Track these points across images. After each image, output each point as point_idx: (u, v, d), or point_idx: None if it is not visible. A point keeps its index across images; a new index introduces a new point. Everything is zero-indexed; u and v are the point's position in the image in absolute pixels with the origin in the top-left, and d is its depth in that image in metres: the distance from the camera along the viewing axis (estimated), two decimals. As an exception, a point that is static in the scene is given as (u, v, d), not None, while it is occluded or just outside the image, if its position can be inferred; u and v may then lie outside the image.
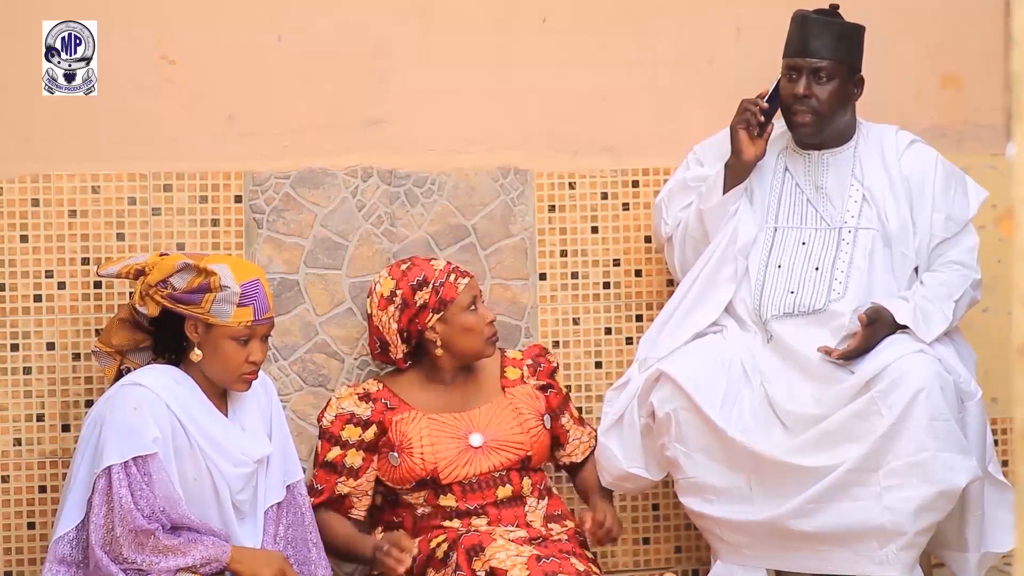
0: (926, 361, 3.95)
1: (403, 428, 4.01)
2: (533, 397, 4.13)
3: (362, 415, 4.02)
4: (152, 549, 3.59)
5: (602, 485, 4.19)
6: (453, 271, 4.04)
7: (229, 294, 3.71)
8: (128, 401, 3.66)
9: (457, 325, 4.01)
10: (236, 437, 3.77)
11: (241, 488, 3.76)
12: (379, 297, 4.05)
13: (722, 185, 4.16)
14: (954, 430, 3.92)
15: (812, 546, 3.97)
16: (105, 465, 3.59)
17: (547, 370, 4.18)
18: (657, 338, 4.17)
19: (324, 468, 4.04)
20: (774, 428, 4.03)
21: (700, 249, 4.21)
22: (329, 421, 4.04)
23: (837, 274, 4.12)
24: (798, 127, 4.16)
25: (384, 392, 4.06)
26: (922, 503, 3.88)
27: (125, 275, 3.82)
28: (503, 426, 4.05)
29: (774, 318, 4.12)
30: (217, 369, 3.75)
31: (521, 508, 4.04)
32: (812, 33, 4.12)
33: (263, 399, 3.89)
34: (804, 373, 4.07)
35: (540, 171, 4.47)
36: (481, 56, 4.43)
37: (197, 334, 3.73)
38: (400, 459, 3.98)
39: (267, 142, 4.30)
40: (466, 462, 4.00)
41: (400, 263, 4.09)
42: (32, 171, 4.16)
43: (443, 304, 4.00)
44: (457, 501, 4.00)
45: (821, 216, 4.18)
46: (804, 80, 4.12)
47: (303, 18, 4.32)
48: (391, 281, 4.04)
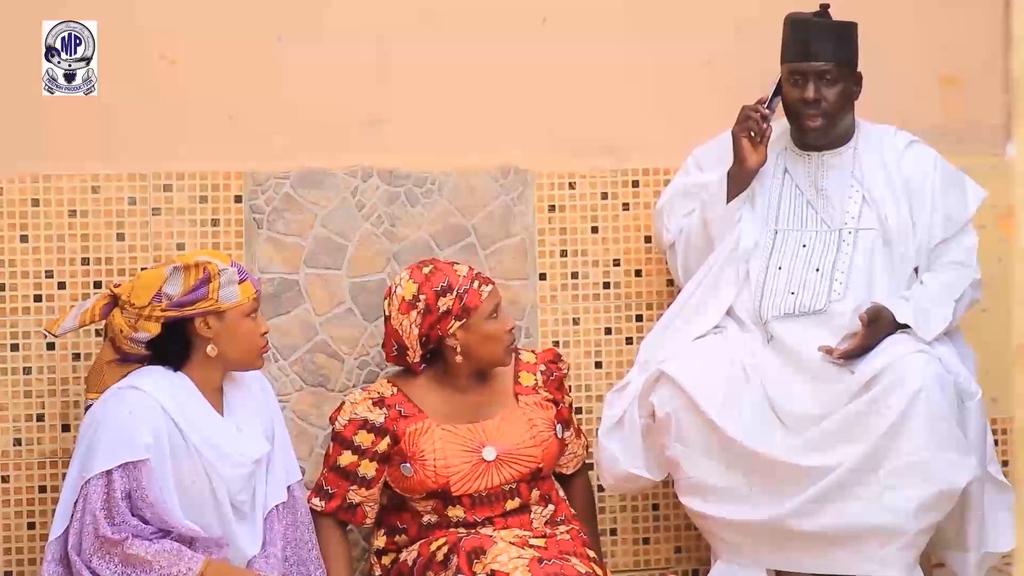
0: (926, 361, 3.95)
1: (416, 440, 3.96)
2: (544, 407, 4.09)
3: (375, 421, 3.97)
4: (120, 559, 3.58)
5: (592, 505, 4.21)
6: (476, 278, 3.99)
7: (230, 275, 3.71)
8: (124, 405, 3.65)
9: (479, 333, 3.97)
10: (233, 438, 3.76)
11: (240, 489, 3.76)
12: (400, 300, 3.97)
13: (725, 193, 4.15)
14: (954, 430, 3.92)
15: (812, 546, 3.97)
16: (93, 471, 3.60)
17: (558, 379, 4.13)
18: (660, 341, 4.17)
19: (336, 472, 3.99)
20: (774, 428, 4.03)
21: (704, 256, 4.21)
22: (342, 425, 3.98)
23: (838, 275, 4.12)
24: (809, 131, 4.15)
25: (398, 397, 4.01)
26: (922, 503, 3.88)
27: (89, 322, 3.77)
28: (516, 438, 4.01)
29: (774, 319, 4.11)
30: (239, 352, 3.74)
31: (527, 516, 4.03)
32: (812, 37, 4.11)
33: (260, 398, 3.88)
34: (804, 373, 4.07)
35: (540, 171, 4.47)
36: (481, 56, 4.43)
37: (209, 328, 3.71)
38: (413, 470, 3.96)
39: (267, 142, 4.30)
40: (479, 475, 3.97)
41: (421, 265, 4.03)
42: (32, 171, 4.16)
43: (466, 312, 3.95)
44: (466, 512, 3.98)
45: (821, 218, 4.18)
46: (812, 84, 4.11)
47: (303, 18, 4.32)
48: (413, 285, 3.97)
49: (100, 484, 3.60)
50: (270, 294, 4.27)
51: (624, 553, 4.53)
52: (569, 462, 4.19)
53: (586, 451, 4.21)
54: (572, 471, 4.20)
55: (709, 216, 4.17)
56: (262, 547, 3.81)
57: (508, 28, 4.45)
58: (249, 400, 3.85)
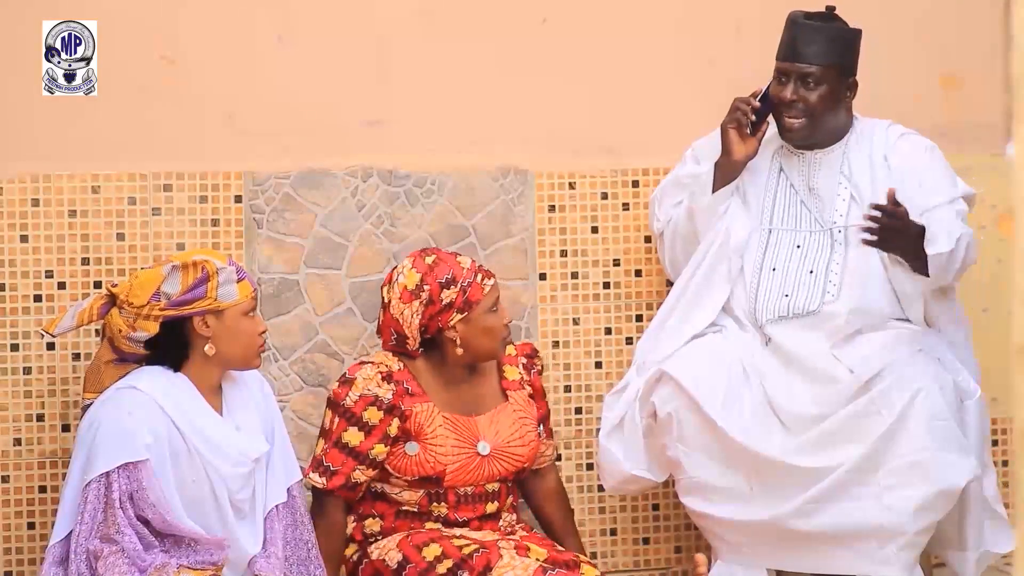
0: (926, 361, 3.96)
1: (420, 420, 3.95)
2: (529, 404, 4.11)
3: (384, 397, 3.93)
4: (103, 568, 3.58)
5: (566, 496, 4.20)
6: (479, 271, 3.99)
7: (228, 274, 3.71)
8: (123, 405, 3.65)
9: (479, 326, 3.97)
10: (233, 437, 3.76)
11: (240, 488, 3.75)
12: (402, 289, 3.95)
13: (711, 184, 4.15)
14: (954, 430, 3.92)
15: (812, 546, 3.97)
16: (96, 472, 3.59)
17: (536, 379, 4.14)
18: (655, 341, 4.17)
19: (341, 449, 3.93)
20: (774, 428, 4.03)
21: (690, 248, 4.21)
22: (353, 401, 3.93)
23: (831, 276, 4.11)
24: (788, 131, 4.15)
25: (405, 374, 3.98)
26: (922, 503, 3.89)
27: (87, 322, 3.75)
28: (507, 435, 4.02)
29: (770, 322, 4.11)
30: (238, 351, 3.74)
31: (496, 523, 4.04)
32: (803, 38, 4.10)
33: (259, 398, 3.88)
34: (804, 375, 4.07)
35: (540, 171, 4.47)
36: (481, 56, 4.43)
37: (208, 327, 3.71)
38: (417, 450, 3.95)
39: (267, 142, 4.30)
40: (472, 469, 3.97)
41: (424, 254, 4.01)
42: (32, 171, 4.16)
43: (469, 305, 3.95)
44: (448, 510, 3.98)
45: (815, 217, 4.17)
46: (792, 85, 4.10)
47: (303, 18, 4.32)
48: (416, 274, 3.96)
49: (101, 486, 3.60)
50: (270, 294, 4.27)
51: (624, 553, 4.53)
52: (535, 462, 4.15)
53: (555, 452, 4.22)
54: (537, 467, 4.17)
55: (694, 206, 4.17)
56: (263, 547, 3.82)
57: (508, 28, 4.45)
58: (248, 400, 3.85)
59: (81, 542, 3.60)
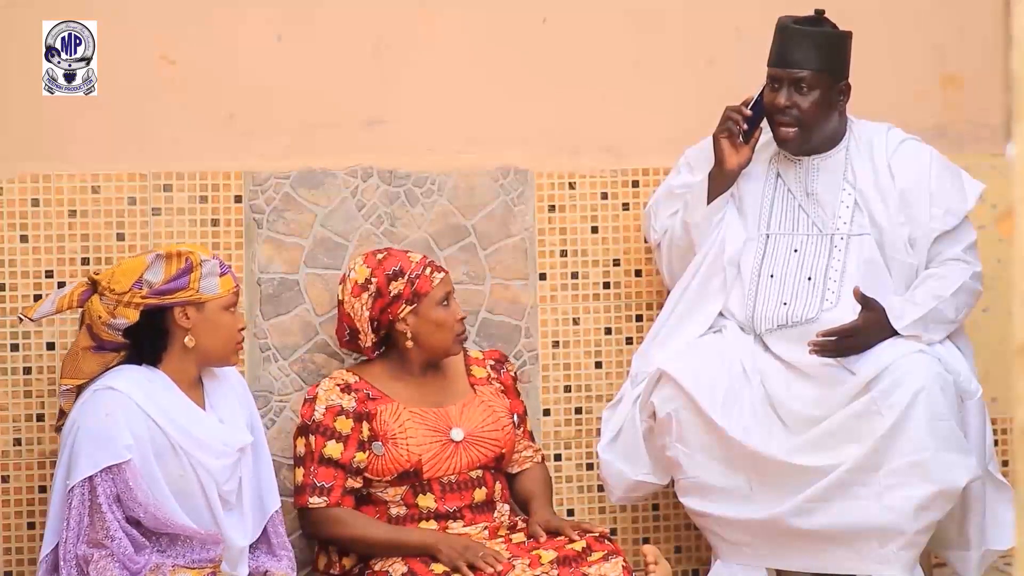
0: (926, 361, 3.95)
1: (386, 418, 3.99)
2: (499, 396, 4.13)
3: (348, 407, 3.98)
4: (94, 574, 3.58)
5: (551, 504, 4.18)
6: (429, 264, 4.04)
7: (212, 266, 3.71)
8: (100, 407, 3.63)
9: (429, 319, 4.01)
10: (215, 429, 3.75)
11: (226, 479, 3.74)
12: (352, 284, 4.03)
13: (706, 195, 4.15)
14: (954, 430, 3.92)
15: (812, 545, 3.97)
16: (78, 477, 3.58)
17: (507, 379, 4.17)
18: (648, 351, 4.18)
19: (327, 464, 3.96)
20: (774, 428, 4.03)
21: (687, 258, 4.21)
22: (321, 414, 3.97)
23: (830, 283, 4.10)
24: (782, 138, 4.14)
25: (362, 383, 4.03)
26: (922, 502, 3.89)
27: (67, 307, 3.73)
28: (479, 421, 4.05)
29: (768, 331, 4.11)
30: (217, 345, 3.73)
31: (491, 514, 4.04)
32: (793, 44, 4.10)
33: (240, 390, 3.89)
34: (804, 377, 4.07)
35: (540, 171, 4.47)
36: (481, 56, 4.43)
37: (188, 319, 3.70)
38: (384, 449, 3.96)
39: (267, 142, 4.30)
40: (448, 456, 3.99)
41: (376, 252, 4.08)
42: (32, 171, 4.16)
43: (417, 296, 4.00)
44: (436, 502, 3.99)
45: (813, 222, 4.17)
46: (785, 91, 4.10)
47: (303, 18, 4.32)
48: (366, 269, 4.03)
49: (84, 490, 3.59)
50: (270, 294, 4.27)
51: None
52: (515, 463, 4.17)
53: (539, 457, 4.20)
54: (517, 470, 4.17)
55: (689, 219, 4.18)
56: (272, 551, 3.83)
57: (508, 28, 4.45)
58: (229, 392, 3.85)
59: (69, 548, 3.59)
